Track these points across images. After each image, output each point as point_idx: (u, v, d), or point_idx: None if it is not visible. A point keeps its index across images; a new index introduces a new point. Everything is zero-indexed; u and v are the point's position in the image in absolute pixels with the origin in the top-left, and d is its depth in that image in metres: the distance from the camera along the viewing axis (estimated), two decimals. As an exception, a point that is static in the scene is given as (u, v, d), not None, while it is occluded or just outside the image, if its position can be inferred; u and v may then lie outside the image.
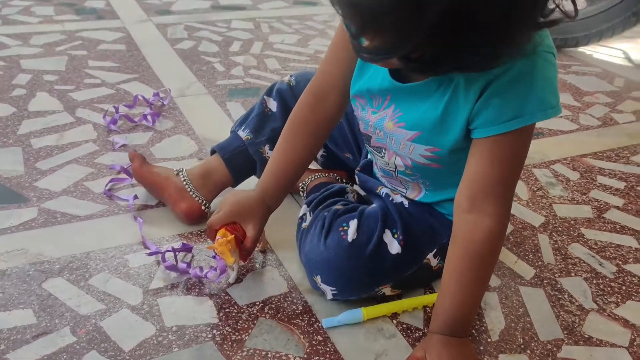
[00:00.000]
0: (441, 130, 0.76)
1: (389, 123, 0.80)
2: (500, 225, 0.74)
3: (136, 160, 1.08)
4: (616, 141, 1.45)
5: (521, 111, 0.69)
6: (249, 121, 1.07)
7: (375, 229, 0.85)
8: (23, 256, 0.95)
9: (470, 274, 0.75)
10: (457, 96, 0.72)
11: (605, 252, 1.04)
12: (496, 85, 0.68)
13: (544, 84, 0.69)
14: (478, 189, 0.73)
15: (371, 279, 0.86)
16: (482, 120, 0.71)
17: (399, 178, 0.89)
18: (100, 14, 2.22)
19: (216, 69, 1.76)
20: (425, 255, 0.88)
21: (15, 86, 1.56)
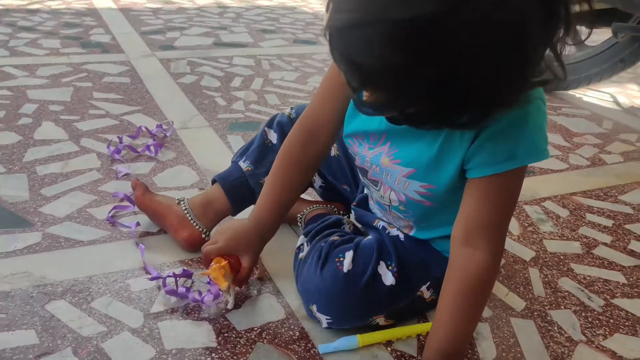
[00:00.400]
0: (436, 168, 0.79)
1: (385, 159, 0.84)
2: (493, 260, 0.77)
3: (139, 189, 1.12)
4: (605, 181, 1.50)
5: (514, 154, 0.73)
6: (250, 152, 1.10)
7: (370, 261, 0.88)
8: (27, 279, 0.97)
9: (463, 305, 0.77)
10: (453, 138, 0.76)
11: (593, 287, 1.07)
12: (490, 130, 0.72)
13: (535, 130, 0.73)
14: (473, 225, 0.76)
15: (365, 310, 0.88)
16: (477, 162, 0.75)
17: (392, 213, 0.92)
18: (105, 47, 2.28)
19: (217, 103, 1.81)
20: (418, 288, 0.91)
21: (21, 115, 1.60)
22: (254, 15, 3.04)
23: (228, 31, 2.67)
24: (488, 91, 0.58)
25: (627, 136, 1.82)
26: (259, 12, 3.13)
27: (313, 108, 0.93)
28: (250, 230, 0.95)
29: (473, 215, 0.76)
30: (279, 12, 3.17)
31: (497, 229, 0.77)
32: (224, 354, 0.85)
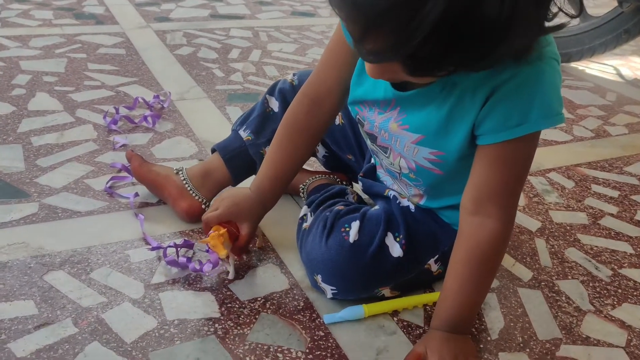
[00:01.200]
0: (446, 133, 0.76)
1: (394, 124, 0.81)
2: (505, 228, 0.75)
3: (134, 160, 1.09)
4: (609, 152, 1.48)
5: (526, 118, 0.69)
6: (250, 121, 1.07)
7: (377, 231, 0.86)
8: (24, 249, 0.95)
9: (474, 274, 0.76)
10: (464, 101, 0.72)
11: (600, 257, 1.06)
12: (502, 91, 0.69)
13: (549, 91, 0.69)
14: (483, 193, 0.74)
15: (371, 281, 0.87)
16: (488, 127, 0.71)
17: (402, 180, 0.89)
18: (99, 19, 2.23)
19: (215, 74, 1.77)
20: (426, 261, 0.89)
21: (14, 86, 1.56)
22: (250, -13, 2.98)
23: (224, 3, 2.61)
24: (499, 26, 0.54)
25: (631, 108, 1.79)
26: (255, -16, 3.06)
27: (317, 75, 0.90)
28: (252, 198, 0.93)
29: (484, 183, 0.74)
30: (276, -16, 3.10)
31: (510, 196, 0.74)
32: (227, 325, 0.83)
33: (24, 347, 0.76)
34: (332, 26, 2.38)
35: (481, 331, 0.86)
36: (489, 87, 0.70)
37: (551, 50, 0.70)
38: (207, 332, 0.82)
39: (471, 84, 0.71)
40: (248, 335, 0.82)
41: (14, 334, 0.78)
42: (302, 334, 0.83)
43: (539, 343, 0.85)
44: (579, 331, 0.88)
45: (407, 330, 0.85)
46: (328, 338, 0.82)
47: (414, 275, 0.89)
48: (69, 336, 0.79)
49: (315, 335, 0.83)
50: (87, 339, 0.79)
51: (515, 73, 0.67)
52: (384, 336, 0.84)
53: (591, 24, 1.99)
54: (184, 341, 0.80)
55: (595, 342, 0.86)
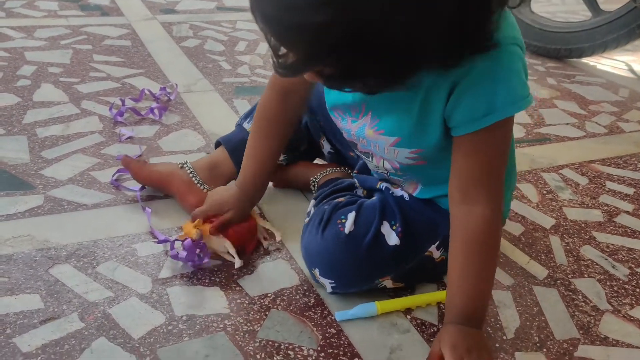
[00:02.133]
0: (421, 132, 0.76)
1: (369, 131, 0.81)
2: (494, 211, 0.74)
3: (133, 165, 1.05)
4: (623, 148, 1.45)
5: (493, 107, 0.69)
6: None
7: (372, 221, 0.85)
8: (29, 242, 0.93)
9: (474, 262, 0.74)
10: (430, 98, 0.73)
11: (617, 255, 1.03)
12: (463, 84, 0.69)
13: (510, 76, 0.69)
14: (466, 181, 0.74)
15: (369, 271, 0.85)
16: (458, 119, 0.72)
17: (392, 179, 0.90)
18: (104, 10, 2.21)
19: (222, 67, 1.75)
20: (426, 248, 0.87)
21: (19, 77, 1.54)
22: (257, -20, 2.95)
23: (231, -5, 2.59)
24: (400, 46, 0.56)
25: (644, 105, 1.77)
26: (262, -23, 3.03)
27: None
28: (237, 193, 0.95)
29: (466, 172, 0.74)
30: (283, -23, 3.07)
31: (492, 180, 0.74)
32: (237, 321, 0.81)
33: (30, 342, 0.74)
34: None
35: (497, 330, 0.84)
36: (449, 82, 0.70)
37: (510, 35, 0.69)
38: (217, 329, 0.80)
39: (433, 81, 0.71)
40: (258, 332, 0.80)
41: (20, 329, 0.76)
42: (314, 331, 0.81)
43: (556, 343, 0.83)
44: (597, 331, 0.86)
45: (421, 328, 0.83)
46: (340, 336, 0.80)
47: (414, 263, 0.87)
48: (75, 331, 0.77)
49: (327, 332, 0.81)
50: (93, 335, 0.77)
51: (473, 65, 0.66)
52: (397, 334, 0.82)
53: (604, 19, 1.95)
54: (192, 337, 0.78)
55: (614, 342, 0.84)
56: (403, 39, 0.55)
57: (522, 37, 0.72)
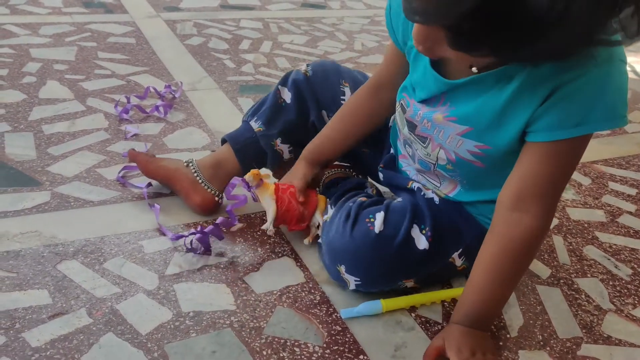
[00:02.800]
0: (497, 127, 0.73)
1: (439, 115, 0.79)
2: (543, 227, 0.73)
3: (140, 158, 1.06)
4: (626, 149, 1.46)
5: (586, 118, 0.66)
6: (262, 112, 1.05)
7: (402, 223, 0.84)
8: (37, 238, 0.93)
9: (504, 271, 0.74)
10: (521, 96, 0.70)
11: (620, 255, 1.04)
12: (565, 89, 0.66)
13: (615, 93, 0.67)
14: (526, 189, 0.72)
15: (396, 273, 0.85)
16: (544, 124, 0.69)
17: (436, 172, 0.87)
18: (108, 7, 2.21)
19: (226, 65, 1.75)
20: (450, 255, 0.88)
21: (25, 74, 1.54)
22: (260, -21, 2.95)
23: (234, -7, 2.59)
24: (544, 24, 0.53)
25: (646, 106, 1.77)
26: (265, -25, 3.04)
27: (380, 67, 0.94)
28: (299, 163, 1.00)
29: (529, 180, 0.71)
30: (286, -24, 3.08)
31: (553, 194, 0.73)
32: (244, 317, 0.82)
33: (39, 336, 0.75)
34: (342, 19, 2.35)
35: (500, 328, 0.85)
36: (551, 84, 0.67)
37: (621, 52, 0.67)
38: (223, 325, 0.80)
39: (531, 80, 0.69)
40: (264, 329, 0.80)
41: (29, 324, 0.77)
42: (319, 328, 0.82)
43: (559, 341, 0.84)
44: (600, 330, 0.86)
45: (426, 326, 0.84)
46: (345, 333, 0.81)
47: (438, 269, 0.88)
48: (84, 327, 0.78)
49: (332, 330, 0.82)
50: (101, 330, 0.77)
51: (581, 73, 0.65)
52: (402, 332, 0.82)
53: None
54: (199, 334, 0.79)
55: (616, 341, 0.85)
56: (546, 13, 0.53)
57: None
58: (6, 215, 0.98)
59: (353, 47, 2.04)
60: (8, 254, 0.89)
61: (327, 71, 1.04)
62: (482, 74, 0.72)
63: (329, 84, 1.02)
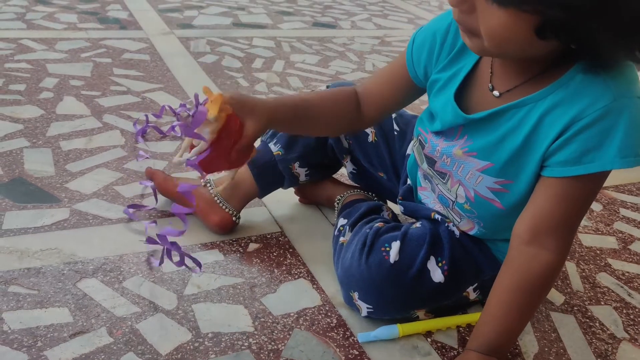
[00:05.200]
0: (518, 161, 0.73)
1: (459, 151, 0.79)
2: (559, 261, 0.72)
3: (157, 176, 1.08)
4: (636, 175, 1.47)
5: (602, 155, 0.66)
6: (281, 134, 1.05)
7: (418, 253, 0.84)
8: (57, 255, 0.94)
9: (519, 304, 0.74)
10: (541, 129, 0.70)
11: (633, 283, 1.05)
12: (582, 123, 0.66)
13: (630, 129, 0.65)
14: (543, 224, 0.71)
15: (409, 302, 0.86)
16: (560, 159, 0.69)
17: (454, 210, 0.87)
18: (123, 24, 2.24)
19: (240, 83, 1.77)
20: (466, 288, 0.88)
21: (42, 89, 1.56)
22: (271, -3, 2.99)
23: (246, 12, 2.62)
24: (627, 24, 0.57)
25: (655, 132, 1.79)
26: (276, -6, 3.08)
27: (373, 82, 0.90)
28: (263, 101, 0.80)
29: (545, 215, 0.71)
30: (297, -5, 3.11)
31: (570, 229, 0.72)
32: (262, 339, 0.83)
33: (61, 355, 0.76)
34: (353, 38, 2.38)
35: (515, 355, 0.86)
36: (568, 117, 0.67)
37: (637, 87, 0.67)
38: (242, 347, 0.81)
39: (549, 112, 0.69)
40: (282, 351, 0.81)
41: (50, 342, 0.78)
42: (337, 351, 0.82)
43: (574, 370, 0.84)
44: (615, 359, 0.87)
45: (442, 351, 0.85)
46: (363, 357, 0.82)
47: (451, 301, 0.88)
48: (104, 346, 0.78)
49: (349, 353, 0.82)
50: (122, 350, 0.78)
51: (598, 107, 0.65)
52: (418, 357, 0.83)
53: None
54: (218, 355, 0.79)
55: (631, 371, 0.85)
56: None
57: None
58: (27, 231, 0.99)
59: (364, 68, 2.06)
60: (29, 271, 0.90)
61: None
62: (501, 108, 0.73)
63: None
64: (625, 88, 0.66)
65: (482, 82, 0.77)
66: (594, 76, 0.66)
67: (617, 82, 0.66)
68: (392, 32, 2.57)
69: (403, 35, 2.53)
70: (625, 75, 0.67)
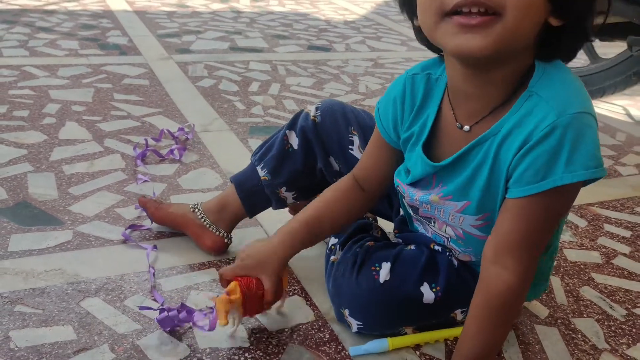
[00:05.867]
0: (490, 193, 0.77)
1: (435, 197, 0.83)
2: (520, 281, 0.75)
3: (150, 206, 1.12)
4: (621, 192, 1.52)
5: (553, 172, 0.68)
6: (269, 159, 1.06)
7: (411, 276, 0.87)
8: (61, 276, 0.99)
9: (491, 319, 0.77)
10: (500, 157, 0.74)
11: (615, 296, 1.09)
12: (530, 143, 0.69)
13: (577, 145, 0.68)
14: (503, 244, 0.74)
15: (398, 321, 0.90)
16: (516, 180, 0.72)
17: (451, 246, 0.90)
18: (123, 49, 2.30)
19: (237, 107, 1.83)
20: (454, 310, 0.92)
21: (45, 115, 1.62)
22: (267, 21, 3.07)
23: (243, 36, 2.70)
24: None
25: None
26: (272, 18, 3.16)
27: (365, 160, 0.94)
28: (273, 250, 0.91)
29: (505, 235, 0.74)
30: (292, 18, 3.19)
31: (529, 250, 0.74)
32: (257, 354, 0.87)
33: (65, 371, 0.80)
34: (347, 61, 2.45)
35: (501, 367, 0.89)
36: (520, 140, 0.71)
37: (587, 105, 0.71)
38: (238, 361, 0.85)
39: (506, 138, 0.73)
40: (277, 365, 0.85)
41: (55, 359, 0.82)
42: (329, 365, 0.86)
43: (557, 380, 0.88)
44: (596, 369, 0.91)
45: (430, 364, 0.88)
46: (354, 370, 0.86)
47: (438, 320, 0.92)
48: (107, 362, 0.82)
49: (341, 366, 0.86)
50: (124, 365, 0.82)
51: (547, 126, 0.68)
52: (407, 369, 0.87)
53: (601, 66, 2.04)
54: (216, 369, 0.83)
55: (611, 380, 0.89)
56: None
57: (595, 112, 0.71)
58: (31, 253, 1.04)
59: (358, 90, 2.12)
60: (34, 291, 0.94)
61: (335, 115, 1.05)
62: (466, 148, 0.77)
63: (337, 129, 1.04)
64: (567, 104, 0.69)
65: (448, 124, 0.81)
66: (538, 99, 0.71)
67: (559, 100, 0.69)
68: (385, 54, 2.63)
69: (396, 57, 2.59)
70: (568, 91, 0.70)
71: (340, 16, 3.38)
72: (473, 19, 0.65)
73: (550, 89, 0.71)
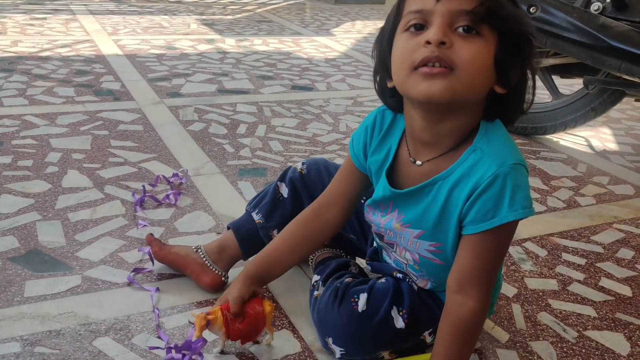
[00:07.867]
0: (441, 227, 0.93)
1: (396, 224, 0.98)
2: (482, 306, 0.90)
3: (154, 245, 1.25)
4: (579, 222, 1.66)
5: (499, 211, 0.85)
6: (262, 205, 1.22)
7: (383, 304, 1.01)
8: (73, 318, 1.10)
9: (457, 342, 0.91)
10: (451, 200, 0.90)
11: (568, 320, 1.23)
12: (479, 189, 0.86)
13: (516, 190, 0.85)
14: (465, 276, 0.90)
15: (376, 345, 1.03)
16: (470, 220, 0.88)
17: (408, 271, 1.05)
18: (116, 95, 2.44)
19: (226, 150, 1.96)
20: (422, 333, 1.05)
21: (48, 164, 1.74)
22: (252, 61, 3.23)
23: (230, 77, 2.85)
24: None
25: (599, 179, 1.99)
26: (257, 58, 3.32)
27: (331, 187, 1.10)
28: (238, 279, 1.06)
29: (466, 268, 0.90)
30: (276, 58, 3.36)
31: (487, 279, 0.90)
32: (251, 383, 0.99)
33: (84, 404, 0.91)
34: (328, 100, 2.60)
35: (465, 387, 1.02)
36: (469, 187, 0.87)
37: (520, 158, 0.88)
38: (235, 390, 0.97)
39: (456, 185, 0.89)
40: (269, 393, 0.97)
41: (74, 393, 0.93)
42: (314, 391, 0.98)
43: (513, 397, 1.01)
44: (548, 386, 1.04)
45: (403, 386, 1.01)
46: (336, 394, 0.98)
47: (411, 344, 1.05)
48: (120, 394, 0.94)
49: (325, 392, 0.98)
50: (134, 397, 0.94)
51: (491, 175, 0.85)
52: (383, 392, 0.99)
53: (563, 102, 2.21)
54: (215, 398, 0.95)
55: (561, 396, 1.02)
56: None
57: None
58: (46, 298, 1.15)
59: (339, 129, 2.26)
60: (50, 333, 1.06)
61: (319, 169, 1.23)
62: (419, 186, 0.92)
63: (321, 181, 1.21)
64: (505, 157, 0.86)
65: (405, 158, 0.96)
66: (482, 153, 0.87)
67: (498, 154, 0.86)
68: (364, 91, 2.79)
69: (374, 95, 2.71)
70: (505, 146, 0.87)
71: (321, 54, 3.55)
72: (435, 69, 0.82)
73: (491, 145, 0.88)
